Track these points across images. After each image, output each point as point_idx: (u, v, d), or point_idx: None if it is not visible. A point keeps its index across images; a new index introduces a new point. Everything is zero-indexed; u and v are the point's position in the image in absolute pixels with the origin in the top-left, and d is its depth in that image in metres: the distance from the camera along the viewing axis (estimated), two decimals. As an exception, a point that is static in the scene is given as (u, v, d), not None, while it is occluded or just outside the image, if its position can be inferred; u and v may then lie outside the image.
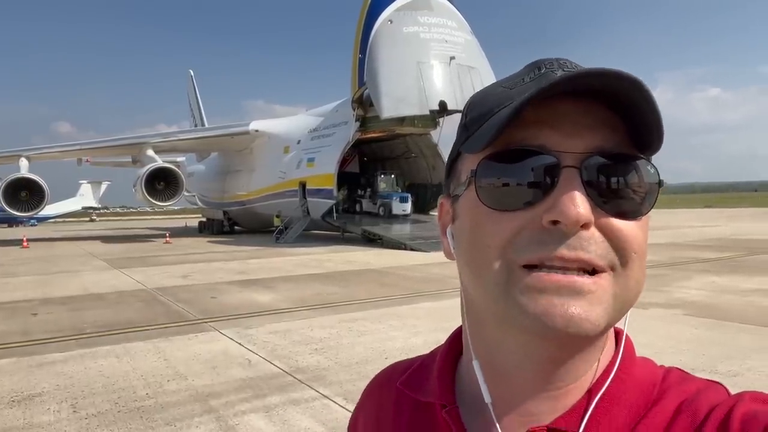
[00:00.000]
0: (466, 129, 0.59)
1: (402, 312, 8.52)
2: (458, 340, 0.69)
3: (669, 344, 6.16)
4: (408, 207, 26.10)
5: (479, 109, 0.58)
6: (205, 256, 19.69)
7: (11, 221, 51.17)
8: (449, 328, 0.72)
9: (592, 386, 0.56)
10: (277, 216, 27.72)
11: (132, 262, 18.12)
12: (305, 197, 25.90)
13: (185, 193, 32.55)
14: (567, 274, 0.50)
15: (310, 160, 26.10)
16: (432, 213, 26.99)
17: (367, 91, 22.21)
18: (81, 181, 67.61)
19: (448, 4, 23.09)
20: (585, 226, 0.50)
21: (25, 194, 27.21)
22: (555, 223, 0.50)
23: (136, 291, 11.53)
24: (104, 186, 69.22)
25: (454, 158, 0.62)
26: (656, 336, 6.45)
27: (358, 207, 28.31)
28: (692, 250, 16.67)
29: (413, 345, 6.43)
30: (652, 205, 0.54)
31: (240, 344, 6.80)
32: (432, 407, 0.65)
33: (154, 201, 28.86)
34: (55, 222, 66.42)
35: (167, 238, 28.36)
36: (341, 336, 7.07)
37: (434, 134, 26.20)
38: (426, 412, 0.65)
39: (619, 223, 0.51)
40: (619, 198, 0.52)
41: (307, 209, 25.86)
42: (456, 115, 21.21)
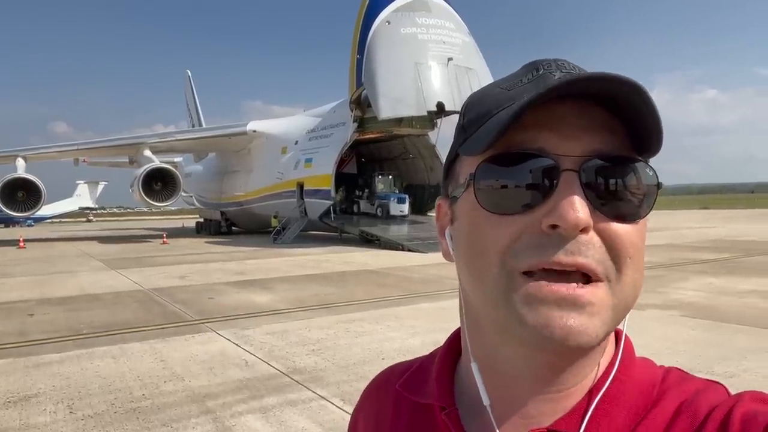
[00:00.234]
0: (464, 130, 0.59)
1: (400, 313, 8.52)
2: (457, 341, 0.68)
3: (666, 345, 6.17)
4: (405, 208, 26.14)
5: (477, 110, 0.58)
6: (202, 256, 19.65)
7: (8, 221, 51.06)
8: (447, 329, 0.72)
9: (592, 388, 0.56)
10: (275, 217, 27.71)
11: (129, 262, 18.07)
12: (303, 198, 25.90)
13: (182, 193, 32.53)
14: (568, 282, 0.50)
15: (308, 160, 26.10)
16: (430, 214, 26.99)
17: (365, 91, 22.24)
18: (78, 182, 67.54)
19: (446, 6, 23.13)
20: (584, 230, 0.50)
21: (21, 194, 27.13)
22: (554, 227, 0.50)
23: (133, 292, 11.50)
24: (101, 186, 69.04)
25: (452, 160, 0.62)
26: (653, 337, 6.46)
27: (355, 208, 28.34)
28: (690, 251, 16.70)
29: (411, 346, 6.43)
30: (651, 208, 0.53)
31: (237, 345, 6.79)
32: (431, 409, 0.64)
33: (151, 201, 28.79)
34: (52, 222, 66.21)
35: (164, 239, 28.28)
36: (339, 337, 7.07)
37: (432, 135, 26.28)
38: (425, 414, 0.65)
39: (616, 227, 0.51)
40: (617, 200, 0.52)
41: (305, 210, 25.84)
42: (454, 116, 21.24)
